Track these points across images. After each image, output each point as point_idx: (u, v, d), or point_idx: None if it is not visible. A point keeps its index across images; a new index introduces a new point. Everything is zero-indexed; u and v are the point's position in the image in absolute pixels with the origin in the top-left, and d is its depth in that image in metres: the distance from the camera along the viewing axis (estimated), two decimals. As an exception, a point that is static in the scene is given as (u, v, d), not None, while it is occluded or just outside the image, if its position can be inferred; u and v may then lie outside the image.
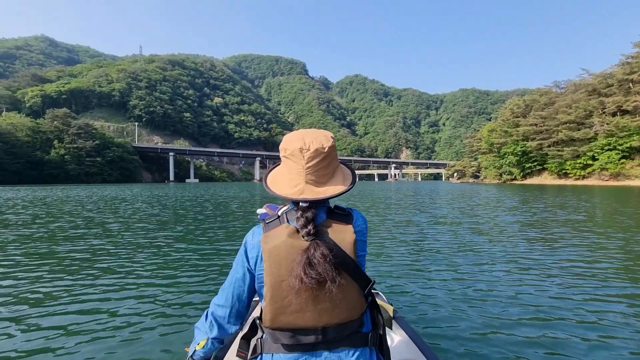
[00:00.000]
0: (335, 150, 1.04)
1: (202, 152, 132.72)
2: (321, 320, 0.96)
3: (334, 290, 0.92)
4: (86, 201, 18.06)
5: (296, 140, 1.00)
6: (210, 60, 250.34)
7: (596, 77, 60.97)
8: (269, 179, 1.08)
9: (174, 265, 4.73)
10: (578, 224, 8.55)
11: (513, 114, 74.46)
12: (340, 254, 0.95)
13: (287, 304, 0.94)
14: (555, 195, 22.45)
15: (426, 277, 4.09)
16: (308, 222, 0.96)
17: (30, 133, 79.26)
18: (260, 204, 16.45)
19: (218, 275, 4.22)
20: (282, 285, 0.93)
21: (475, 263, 4.72)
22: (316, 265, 0.90)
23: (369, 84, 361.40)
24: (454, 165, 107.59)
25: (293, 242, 0.94)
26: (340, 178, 1.04)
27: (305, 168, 0.97)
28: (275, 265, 0.94)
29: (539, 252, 5.43)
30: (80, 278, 4.12)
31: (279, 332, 0.97)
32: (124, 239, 6.79)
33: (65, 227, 8.36)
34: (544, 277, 4.06)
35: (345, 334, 0.98)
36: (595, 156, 52.74)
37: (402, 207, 13.73)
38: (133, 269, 4.51)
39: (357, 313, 1.00)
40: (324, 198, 0.98)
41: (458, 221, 9.33)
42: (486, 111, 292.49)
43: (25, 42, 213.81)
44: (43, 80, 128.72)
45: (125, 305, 3.23)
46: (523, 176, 68.21)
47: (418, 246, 5.91)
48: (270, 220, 1.03)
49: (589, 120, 55.93)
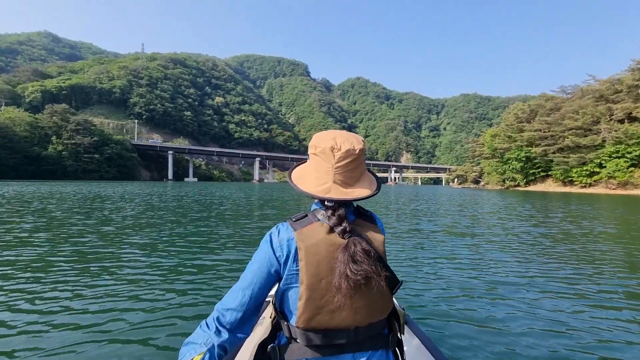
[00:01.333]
0: (364, 155, 1.04)
1: (201, 151, 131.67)
2: (356, 320, 0.95)
3: (382, 284, 0.93)
4: (64, 198, 17.10)
5: (328, 139, 0.99)
6: (212, 59, 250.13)
7: (603, 82, 59.78)
8: (294, 175, 1.07)
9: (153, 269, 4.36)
10: (610, 237, 7.69)
11: (517, 119, 73.42)
12: (376, 252, 0.96)
13: (325, 304, 0.93)
14: (564, 202, 21.58)
15: (438, 282, 4.04)
16: (342, 219, 0.95)
17: (28, 128, 78.12)
18: (258, 205, 15.49)
19: (207, 281, 3.96)
20: (322, 284, 0.92)
21: (489, 270, 4.60)
22: (360, 261, 0.90)
23: (370, 87, 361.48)
24: (456, 170, 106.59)
25: (332, 240, 0.94)
26: (367, 182, 1.04)
27: (334, 167, 0.97)
28: (314, 263, 0.92)
29: (559, 263, 5.08)
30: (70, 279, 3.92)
31: (312, 333, 0.95)
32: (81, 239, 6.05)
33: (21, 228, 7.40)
34: (562, 286, 3.95)
35: (372, 335, 0.99)
36: (603, 164, 51.60)
37: (407, 213, 13.20)
38: (110, 270, 4.22)
39: (385, 313, 1.02)
40: (350, 199, 0.97)
41: (469, 227, 9.15)
42: (487, 117, 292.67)
43: (27, 37, 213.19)
44: (44, 76, 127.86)
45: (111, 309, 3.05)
46: (526, 182, 67.14)
47: (429, 252, 5.82)
48: (298, 218, 1.01)
49: (596, 127, 54.75)
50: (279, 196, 23.97)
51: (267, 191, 33.43)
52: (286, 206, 15.42)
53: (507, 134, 72.18)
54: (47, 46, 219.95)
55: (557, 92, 73.56)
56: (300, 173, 1.08)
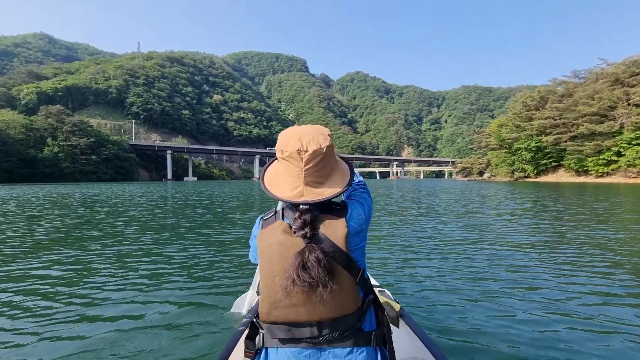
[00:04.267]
0: (333, 148, 1.03)
1: (200, 150, 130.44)
2: (315, 315, 0.96)
3: (325, 295, 0.92)
4: (40, 202, 15.81)
5: (293, 141, 0.98)
6: (209, 57, 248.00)
7: (618, 65, 56.08)
8: (267, 180, 1.07)
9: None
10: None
11: (526, 107, 69.71)
12: (332, 249, 0.95)
13: (280, 299, 0.94)
14: (579, 192, 20.08)
15: (434, 275, 4.02)
16: (306, 224, 0.96)
17: (23, 130, 77.30)
18: (259, 208, 14.24)
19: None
20: (275, 280, 0.94)
21: (485, 262, 4.58)
22: (310, 268, 0.90)
23: (370, 81, 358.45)
24: (461, 163, 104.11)
25: (286, 240, 0.95)
26: (339, 176, 1.04)
27: (303, 170, 0.97)
28: (268, 262, 0.95)
29: (573, 265, 4.52)
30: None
31: (274, 326, 0.98)
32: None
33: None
34: (558, 276, 3.92)
35: (342, 329, 0.98)
36: (621, 151, 48.42)
37: (410, 207, 12.72)
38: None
39: (352, 306, 0.99)
40: (323, 199, 0.98)
41: (468, 219, 9.01)
42: (489, 108, 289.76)
43: (23, 39, 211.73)
44: (39, 77, 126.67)
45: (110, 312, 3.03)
46: (537, 173, 64.30)
47: (426, 245, 5.79)
48: (267, 217, 1.04)
49: (613, 112, 51.31)
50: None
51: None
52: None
53: (516, 123, 68.79)
54: (44, 48, 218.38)
55: (569, 77, 68.82)
56: (271, 179, 1.07)
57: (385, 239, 6.23)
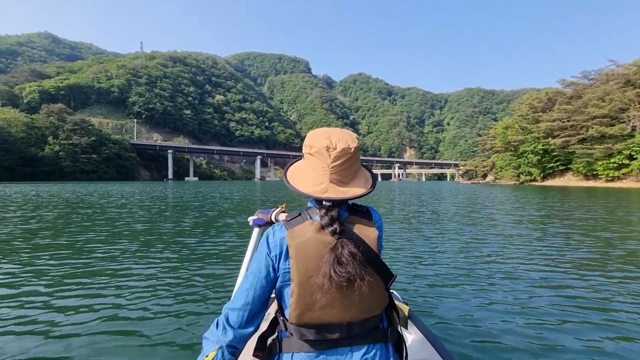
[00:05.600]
0: (359, 152, 1.04)
1: (201, 150, 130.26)
2: (347, 316, 0.96)
3: (363, 288, 0.93)
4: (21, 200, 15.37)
5: (322, 138, 0.99)
6: (212, 57, 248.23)
7: (629, 67, 54.41)
8: (290, 175, 1.08)
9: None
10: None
11: (532, 109, 68.23)
12: (366, 250, 0.96)
13: (315, 300, 0.94)
14: (597, 198, 19.48)
15: (442, 277, 4.01)
16: (333, 220, 0.96)
17: (24, 129, 77.22)
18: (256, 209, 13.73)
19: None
20: (310, 281, 0.94)
21: (494, 265, 4.57)
22: (345, 263, 0.91)
23: (372, 83, 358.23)
24: (465, 165, 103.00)
25: (321, 238, 0.95)
26: (362, 180, 1.04)
27: (330, 167, 0.97)
28: (303, 261, 0.94)
29: (583, 267, 4.53)
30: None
31: (305, 328, 0.97)
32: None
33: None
34: (579, 287, 3.73)
35: (368, 329, 1.00)
36: (633, 155, 46.99)
37: (417, 207, 12.96)
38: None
39: (380, 308, 1.02)
40: (346, 198, 0.98)
41: (476, 223, 8.94)
42: (491, 111, 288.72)
43: (28, 38, 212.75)
44: (42, 76, 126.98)
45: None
46: (543, 177, 62.98)
47: (434, 247, 5.77)
48: (291, 218, 1.02)
49: (624, 115, 49.66)
50: (283, 194, 22.14)
51: (270, 189, 31.63)
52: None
53: (522, 125, 67.24)
54: (47, 47, 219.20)
55: (578, 78, 66.90)
56: (295, 172, 1.08)
57: (392, 242, 6.19)
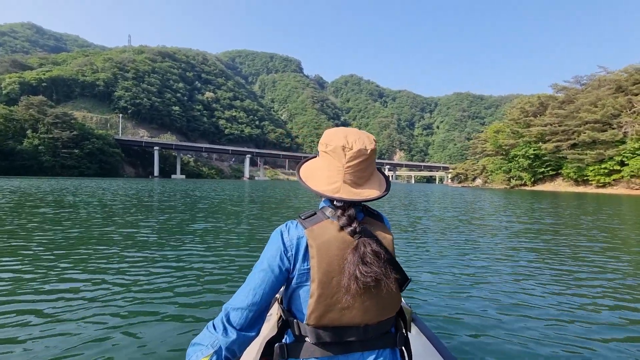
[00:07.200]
0: (376, 154, 1.02)
1: (189, 147, 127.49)
2: (365, 318, 0.95)
3: (391, 285, 0.92)
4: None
5: (339, 137, 0.98)
6: (202, 54, 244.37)
7: (619, 73, 55.01)
8: (303, 172, 1.06)
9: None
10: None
11: (524, 113, 68.56)
12: (384, 247, 0.95)
13: (336, 302, 0.92)
14: (591, 204, 19.11)
15: (445, 280, 4.03)
16: (352, 219, 0.94)
17: (2, 121, 73.77)
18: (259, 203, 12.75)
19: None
20: (332, 282, 0.91)
21: (498, 268, 4.59)
22: (370, 263, 0.89)
23: (364, 84, 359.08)
24: (455, 168, 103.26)
25: (343, 239, 0.93)
26: (376, 183, 1.02)
27: (345, 167, 0.96)
28: (326, 261, 0.91)
29: (586, 271, 4.57)
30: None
31: (322, 330, 0.94)
32: None
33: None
34: (575, 288, 3.83)
35: (381, 332, 0.99)
36: (625, 161, 47.13)
37: (417, 209, 13.13)
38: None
39: (394, 310, 1.01)
40: (360, 200, 0.96)
41: (479, 225, 9.00)
42: (480, 115, 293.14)
43: (10, 28, 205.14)
44: (24, 67, 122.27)
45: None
46: (534, 182, 63.22)
47: (437, 250, 5.78)
48: (307, 216, 0.99)
49: (616, 120, 49.96)
50: (272, 194, 21.08)
51: (257, 189, 30.49)
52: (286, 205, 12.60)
53: (513, 129, 67.62)
54: (31, 37, 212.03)
55: (570, 82, 67.43)
56: (309, 170, 1.06)
57: (395, 244, 5.33)
